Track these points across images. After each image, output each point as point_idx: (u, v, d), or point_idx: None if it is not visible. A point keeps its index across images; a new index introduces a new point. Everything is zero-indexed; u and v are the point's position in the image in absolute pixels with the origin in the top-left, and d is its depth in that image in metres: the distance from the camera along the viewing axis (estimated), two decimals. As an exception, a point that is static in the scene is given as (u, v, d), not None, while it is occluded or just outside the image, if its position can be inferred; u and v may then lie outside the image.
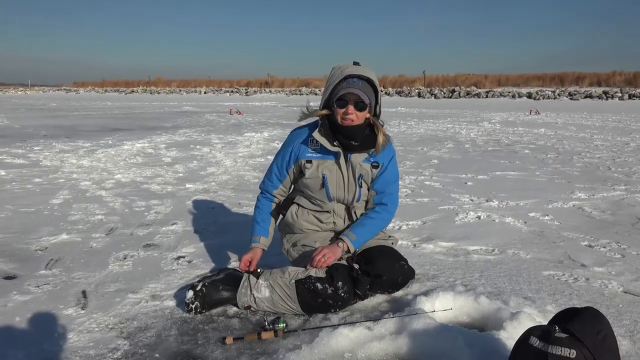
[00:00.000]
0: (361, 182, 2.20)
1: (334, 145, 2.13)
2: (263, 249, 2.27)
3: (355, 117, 2.06)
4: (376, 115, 2.18)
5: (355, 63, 2.12)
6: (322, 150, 2.16)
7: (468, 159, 6.66)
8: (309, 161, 2.18)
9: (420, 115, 16.36)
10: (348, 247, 2.13)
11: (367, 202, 2.28)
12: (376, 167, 2.20)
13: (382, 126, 2.17)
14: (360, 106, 2.06)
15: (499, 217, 3.56)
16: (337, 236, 2.24)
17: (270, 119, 14.18)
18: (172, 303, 2.16)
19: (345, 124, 2.07)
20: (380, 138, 2.13)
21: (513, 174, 5.42)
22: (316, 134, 2.13)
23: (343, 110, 2.06)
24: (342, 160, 2.15)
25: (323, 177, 2.16)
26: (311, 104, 2.28)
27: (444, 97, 28.35)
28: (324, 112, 2.15)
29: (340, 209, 2.25)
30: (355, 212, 2.26)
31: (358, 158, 2.17)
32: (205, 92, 39.13)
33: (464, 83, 31.26)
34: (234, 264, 2.67)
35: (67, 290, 2.30)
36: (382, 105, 2.20)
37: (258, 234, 2.27)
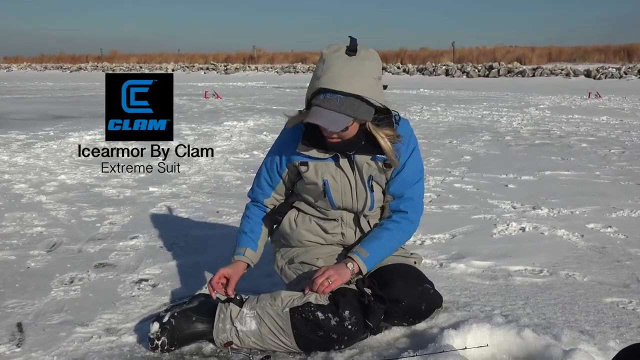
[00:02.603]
0: (371, 185, 2.19)
1: (328, 152, 2.12)
2: (248, 265, 2.25)
3: (340, 137, 2.05)
4: (379, 111, 2.07)
5: (352, 41, 2.01)
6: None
7: (509, 154, 6.68)
8: (304, 163, 2.17)
9: (449, 98, 16.38)
10: (359, 268, 2.13)
11: (382, 208, 2.28)
12: (389, 165, 2.19)
13: (399, 120, 2.13)
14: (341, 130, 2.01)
15: (549, 229, 3.57)
16: (346, 252, 2.22)
17: (256, 104, 14.19)
18: (132, 339, 2.17)
19: (331, 142, 2.07)
20: (385, 145, 2.08)
21: (567, 174, 5.44)
22: (301, 148, 2.12)
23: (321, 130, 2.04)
24: (344, 161, 2.15)
25: (324, 184, 2.16)
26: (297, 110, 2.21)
27: (479, 75, 28.44)
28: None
29: (348, 218, 2.26)
30: (368, 222, 2.27)
31: (364, 157, 2.16)
32: (173, 70, 39.20)
33: (505, 58, 31.35)
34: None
35: (-1, 322, 2.30)
36: (392, 91, 2.14)
37: (244, 245, 2.26)
